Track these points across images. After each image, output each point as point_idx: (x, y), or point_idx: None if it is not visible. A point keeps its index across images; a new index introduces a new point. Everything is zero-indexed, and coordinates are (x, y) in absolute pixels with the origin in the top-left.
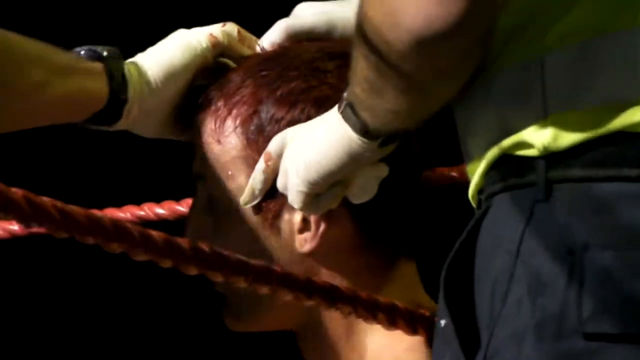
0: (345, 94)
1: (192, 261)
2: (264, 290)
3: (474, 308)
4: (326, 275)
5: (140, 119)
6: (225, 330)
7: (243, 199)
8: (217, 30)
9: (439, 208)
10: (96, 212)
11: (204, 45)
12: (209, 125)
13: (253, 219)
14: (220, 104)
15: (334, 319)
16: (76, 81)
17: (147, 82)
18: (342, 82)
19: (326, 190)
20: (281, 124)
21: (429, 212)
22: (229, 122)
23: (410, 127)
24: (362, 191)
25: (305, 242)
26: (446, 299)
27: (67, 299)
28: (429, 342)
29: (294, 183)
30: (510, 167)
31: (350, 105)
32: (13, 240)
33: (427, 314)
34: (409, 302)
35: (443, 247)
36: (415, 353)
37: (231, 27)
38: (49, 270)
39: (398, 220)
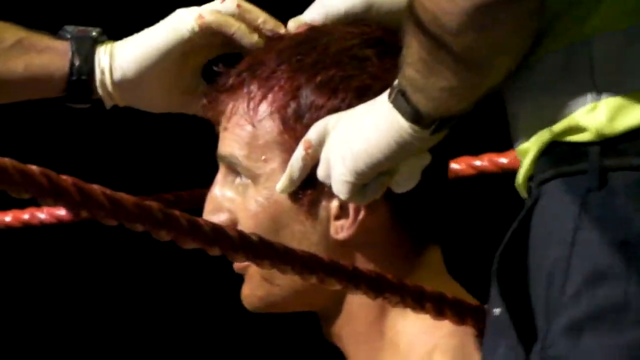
0: (396, 81)
1: (240, 249)
2: (311, 279)
3: (528, 297)
4: (360, 262)
5: (131, 98)
6: (240, 309)
7: (280, 186)
8: (207, 10)
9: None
10: (145, 200)
11: (190, 27)
12: (240, 107)
13: (287, 203)
14: (253, 87)
15: (364, 304)
16: (27, 59)
17: (123, 64)
18: (383, 70)
19: (372, 180)
20: (321, 112)
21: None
22: (264, 106)
23: (464, 108)
24: (407, 180)
25: (341, 230)
26: (500, 288)
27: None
28: (474, 330)
29: (339, 173)
30: (561, 153)
31: (402, 92)
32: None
33: (474, 304)
34: (443, 286)
35: (465, 233)
36: (454, 339)
37: (229, 4)
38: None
39: (431, 206)
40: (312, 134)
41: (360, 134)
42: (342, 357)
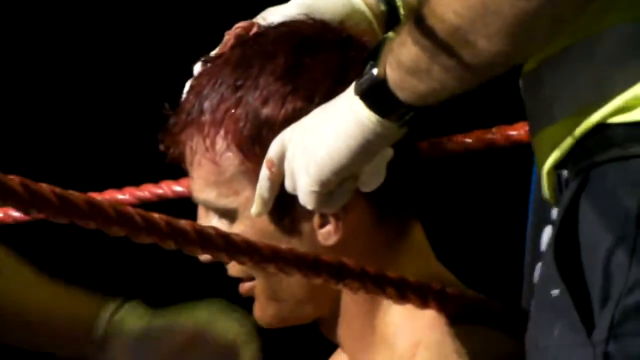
0: (368, 74)
1: (195, 243)
2: (270, 269)
3: (583, 278)
4: (353, 259)
5: None
6: None
7: (254, 209)
8: None
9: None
10: (96, 196)
11: None
12: (198, 146)
13: (270, 227)
14: (204, 121)
15: (357, 301)
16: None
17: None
18: (325, 72)
19: (338, 187)
20: (275, 128)
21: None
22: (220, 141)
23: (452, 96)
24: (373, 178)
25: (329, 236)
26: (559, 268)
27: None
28: (447, 318)
29: (304, 183)
30: (614, 137)
31: (379, 84)
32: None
33: (438, 287)
34: (424, 268)
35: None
36: (434, 330)
37: None
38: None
39: (407, 187)
40: (272, 151)
41: (321, 141)
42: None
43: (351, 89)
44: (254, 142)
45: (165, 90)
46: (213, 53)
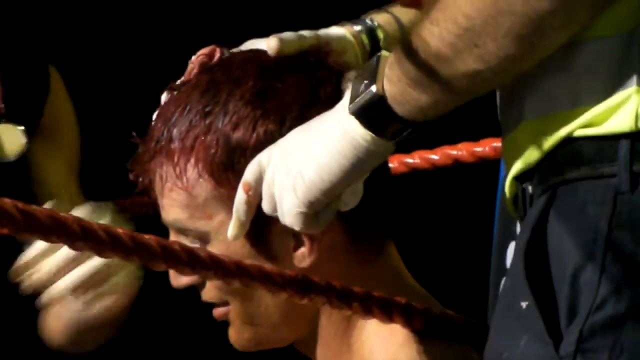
0: (369, 91)
1: (159, 257)
2: (235, 283)
3: (551, 292)
4: (329, 280)
5: None
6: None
7: (231, 232)
8: None
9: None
10: (59, 213)
11: None
12: (169, 174)
13: (244, 251)
14: (173, 148)
15: (333, 321)
16: None
17: None
18: (295, 94)
19: (325, 207)
20: (247, 153)
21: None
22: (191, 169)
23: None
24: (352, 197)
25: (304, 258)
26: (529, 281)
27: None
28: (420, 335)
29: (291, 204)
30: (581, 153)
31: (378, 102)
32: None
33: (403, 301)
34: (400, 286)
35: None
36: (408, 347)
37: None
38: None
39: (380, 205)
40: (249, 175)
41: (309, 161)
42: None
43: (340, 108)
44: (226, 168)
45: (133, 118)
46: (179, 82)
